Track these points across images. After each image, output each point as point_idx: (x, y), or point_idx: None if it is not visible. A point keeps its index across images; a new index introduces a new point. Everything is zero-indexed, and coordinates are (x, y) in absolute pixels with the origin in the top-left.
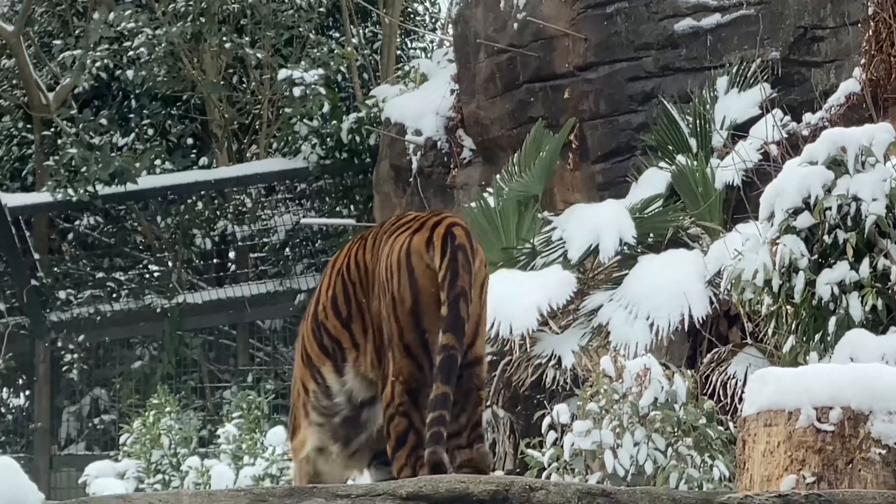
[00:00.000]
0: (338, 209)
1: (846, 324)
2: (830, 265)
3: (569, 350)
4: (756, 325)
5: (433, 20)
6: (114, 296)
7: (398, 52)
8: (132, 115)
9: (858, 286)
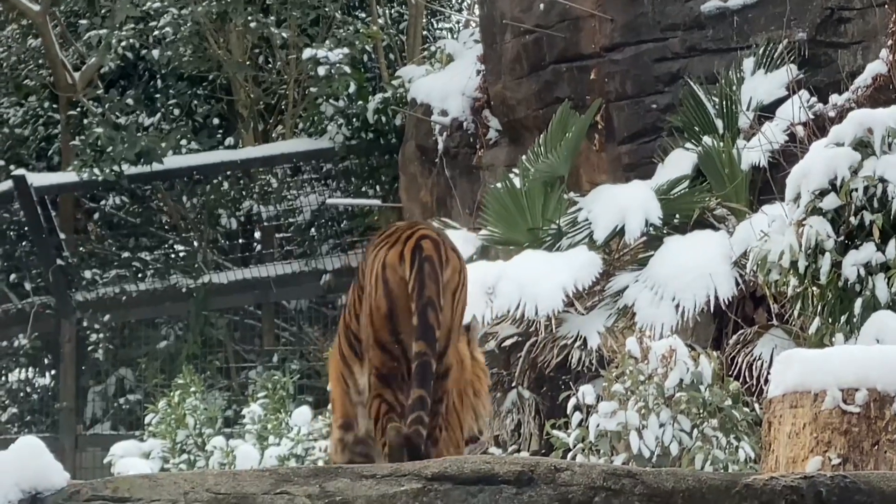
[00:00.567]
0: (363, 189)
1: (872, 305)
2: (856, 246)
3: (594, 331)
4: (782, 307)
5: (459, 0)
6: (139, 276)
7: (424, 33)
8: (158, 95)
9: (885, 267)
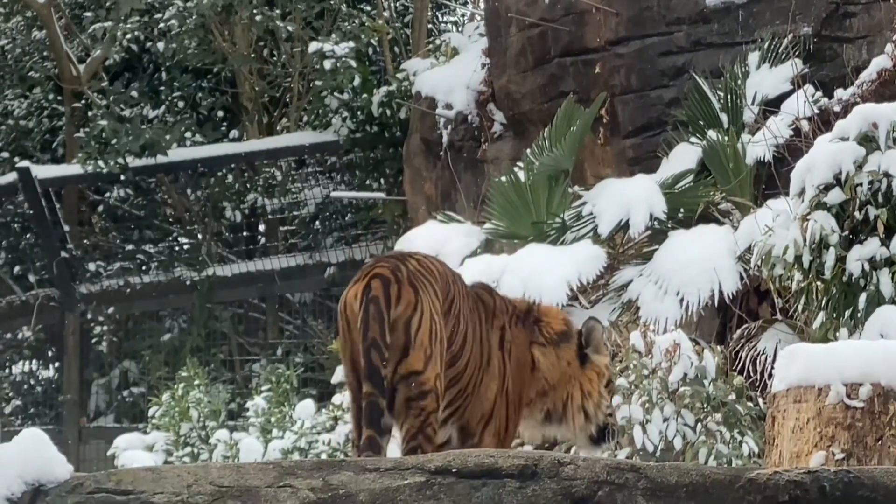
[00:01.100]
0: (368, 183)
1: (876, 300)
2: (861, 241)
3: None
4: (786, 301)
5: None
6: (143, 268)
7: (429, 26)
8: (163, 88)
9: (889, 262)
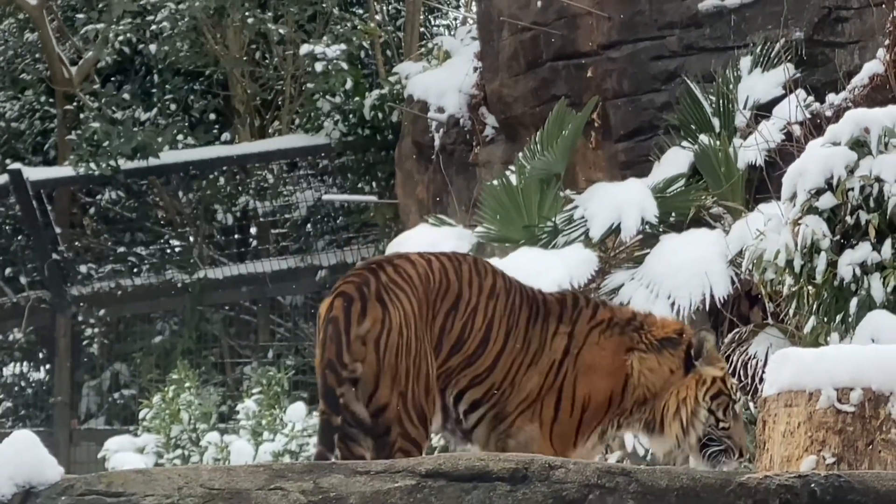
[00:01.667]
0: (360, 186)
1: (868, 305)
2: (852, 246)
3: None
4: (777, 306)
5: None
6: (135, 270)
7: (421, 29)
8: (155, 90)
9: (880, 267)
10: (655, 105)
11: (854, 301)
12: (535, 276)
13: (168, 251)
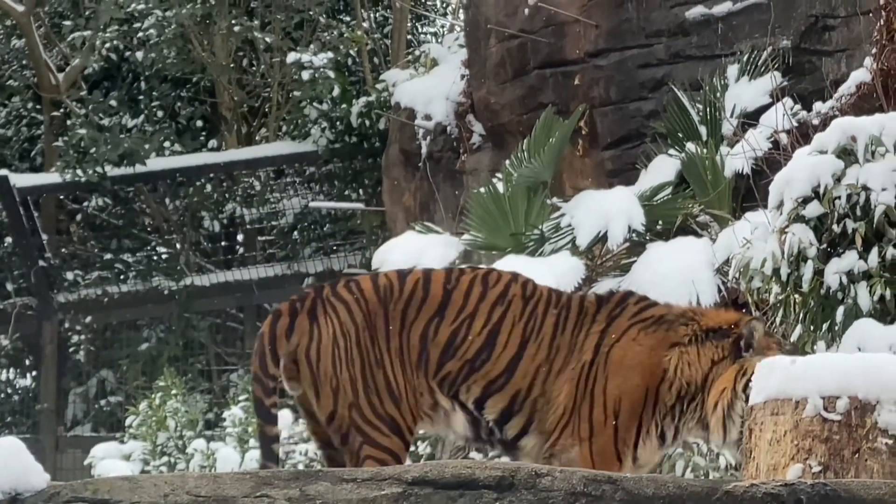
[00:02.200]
0: (347, 193)
1: (854, 313)
2: (839, 254)
3: None
4: (764, 314)
5: (444, 5)
6: (121, 277)
7: (409, 37)
8: (142, 97)
9: (867, 276)
10: (642, 113)
11: (841, 310)
12: None
13: (155, 258)
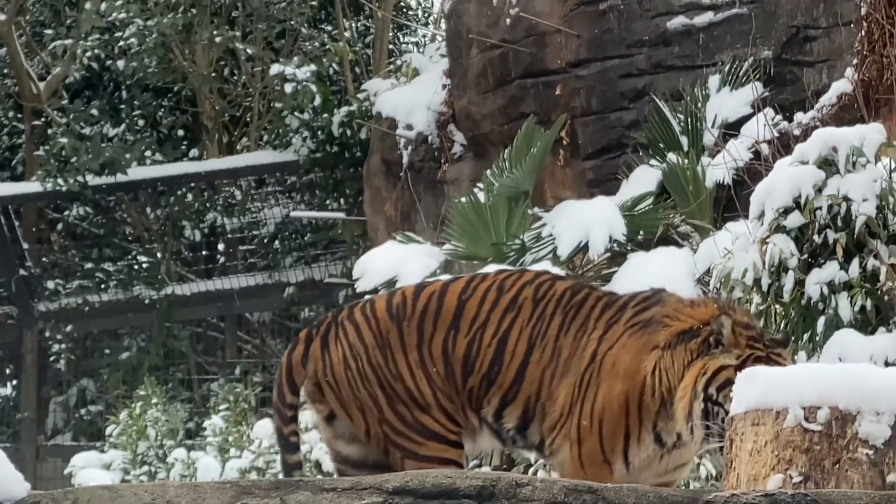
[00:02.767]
0: (328, 202)
1: (835, 324)
2: (820, 265)
3: None
4: None
5: (426, 15)
6: (102, 286)
7: (390, 47)
8: (123, 106)
9: (848, 286)
10: (624, 123)
11: (821, 320)
12: None
13: (136, 267)
